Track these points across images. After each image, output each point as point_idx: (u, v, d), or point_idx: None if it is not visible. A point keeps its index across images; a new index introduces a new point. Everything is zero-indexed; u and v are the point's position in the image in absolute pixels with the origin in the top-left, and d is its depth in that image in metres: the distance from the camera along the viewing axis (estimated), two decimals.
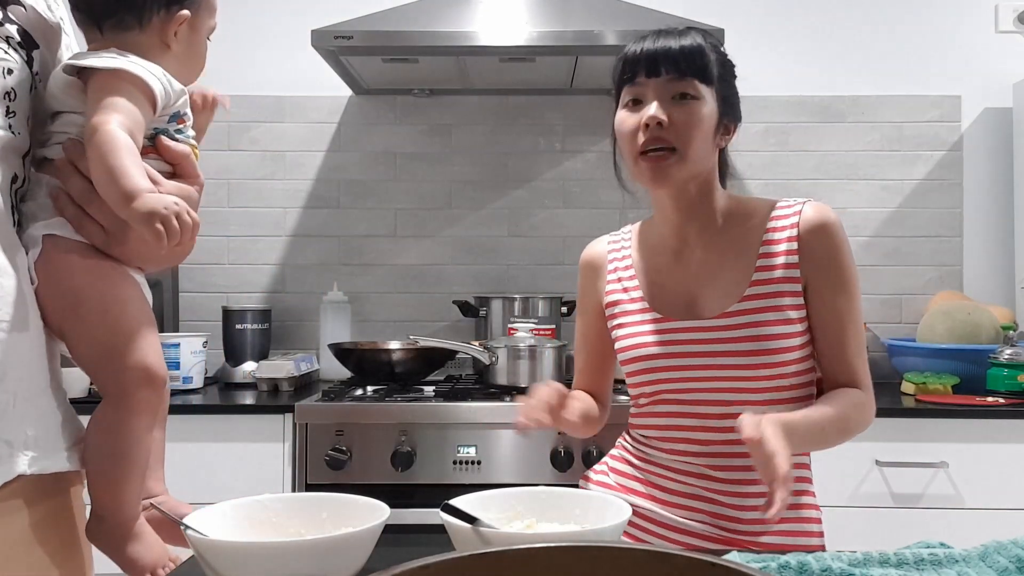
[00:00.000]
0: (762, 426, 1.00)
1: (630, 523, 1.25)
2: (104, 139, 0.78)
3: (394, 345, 2.41)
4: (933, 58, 2.74)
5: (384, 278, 2.77)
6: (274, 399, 2.18)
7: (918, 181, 2.73)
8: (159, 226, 0.75)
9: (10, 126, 0.81)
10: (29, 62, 0.85)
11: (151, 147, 0.87)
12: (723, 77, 1.23)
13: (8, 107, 0.81)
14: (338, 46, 2.21)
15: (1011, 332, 2.27)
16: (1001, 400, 2.13)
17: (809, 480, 1.28)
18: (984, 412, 2.05)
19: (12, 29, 0.83)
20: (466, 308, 2.53)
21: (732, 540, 1.20)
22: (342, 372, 2.42)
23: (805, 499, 1.26)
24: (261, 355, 2.49)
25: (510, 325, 2.31)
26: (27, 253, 0.83)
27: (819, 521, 1.26)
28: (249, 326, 2.48)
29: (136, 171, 0.78)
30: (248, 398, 2.22)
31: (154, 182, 0.83)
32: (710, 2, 2.63)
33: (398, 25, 2.25)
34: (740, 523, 1.21)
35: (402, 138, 2.78)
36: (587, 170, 2.76)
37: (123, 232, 0.83)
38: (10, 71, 0.81)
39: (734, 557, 0.88)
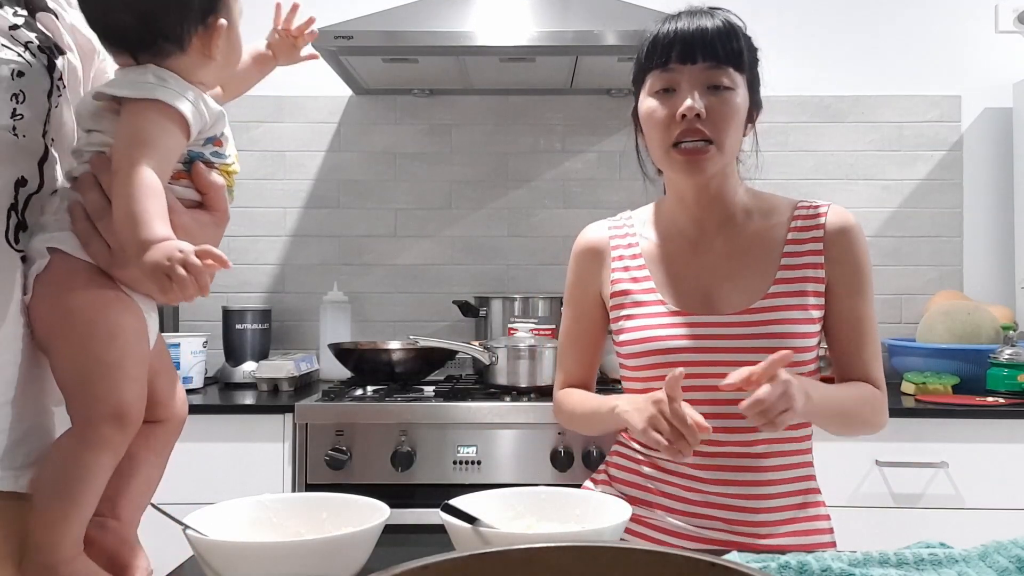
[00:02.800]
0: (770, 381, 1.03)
1: (635, 533, 1.24)
2: (129, 180, 0.76)
3: (394, 345, 2.41)
4: (933, 58, 2.74)
5: (384, 278, 2.77)
6: (274, 399, 2.18)
7: (918, 181, 2.73)
8: (165, 278, 0.72)
9: (14, 128, 0.79)
10: (50, 68, 0.83)
11: (185, 172, 0.84)
12: (752, 64, 1.21)
13: (14, 109, 0.79)
14: (338, 46, 2.21)
15: (1011, 332, 2.27)
16: (1001, 400, 2.13)
17: (814, 477, 1.27)
18: (984, 412, 2.05)
19: (31, 35, 0.82)
20: (466, 308, 2.52)
21: (745, 544, 1.18)
22: (342, 372, 2.42)
23: (812, 497, 1.25)
24: (261, 355, 2.49)
25: (510, 325, 2.31)
26: (32, 263, 0.81)
27: (828, 518, 1.26)
28: (249, 326, 2.48)
29: (155, 219, 0.75)
30: (248, 398, 2.22)
31: (171, 210, 0.80)
32: (710, 3, 2.63)
33: (398, 25, 2.25)
34: (753, 526, 1.19)
35: (402, 138, 2.78)
36: (587, 170, 2.76)
37: (127, 256, 0.80)
38: (20, 73, 0.79)
39: (734, 557, 0.88)
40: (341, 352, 2.34)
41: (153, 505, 0.85)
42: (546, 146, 2.78)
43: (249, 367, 2.43)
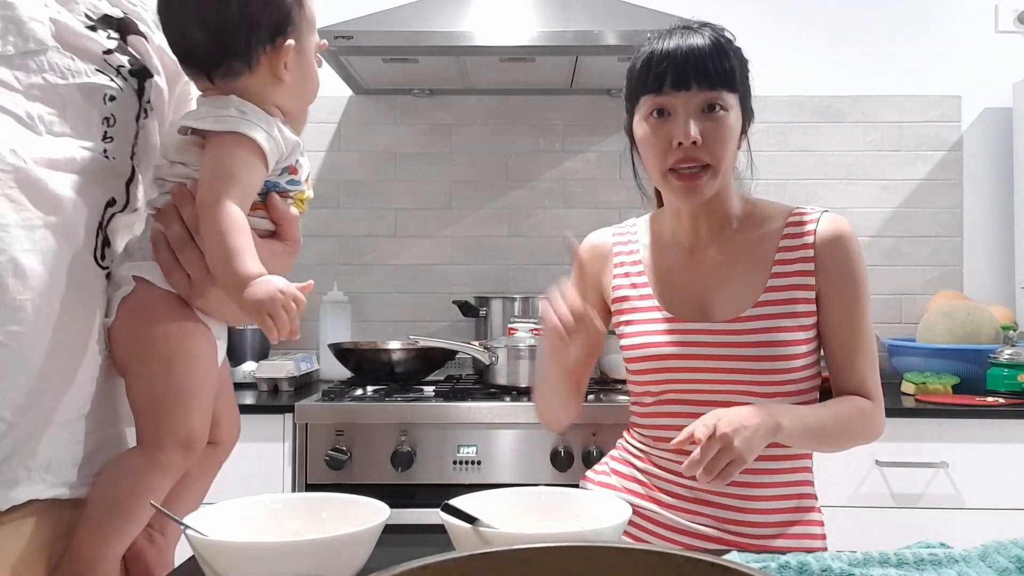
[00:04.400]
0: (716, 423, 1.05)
1: (632, 524, 1.26)
2: (221, 217, 0.79)
3: (394, 345, 2.41)
4: (933, 58, 2.74)
5: (384, 278, 2.77)
6: (274, 399, 2.18)
7: (918, 181, 2.73)
8: (268, 318, 0.76)
9: (105, 151, 0.82)
10: (140, 91, 0.86)
11: (261, 203, 0.87)
12: (743, 78, 1.21)
13: (106, 132, 0.82)
14: (338, 46, 2.21)
15: (1011, 332, 2.27)
16: (1001, 400, 2.13)
17: (811, 483, 1.28)
18: (984, 412, 2.05)
19: (124, 59, 0.85)
20: (466, 308, 2.53)
21: (736, 543, 1.20)
22: (342, 372, 2.42)
23: (807, 502, 1.26)
24: (261, 355, 2.49)
25: (510, 325, 2.31)
26: (118, 288, 0.84)
27: (822, 524, 1.27)
28: (249, 326, 2.48)
29: (249, 256, 0.79)
30: (248, 398, 2.22)
31: None
32: (710, 2, 2.64)
33: (398, 25, 2.25)
34: (745, 526, 1.21)
35: (402, 138, 2.78)
36: (587, 170, 2.76)
37: (206, 285, 0.84)
38: (112, 98, 0.82)
39: (734, 557, 0.88)
40: (341, 352, 2.34)
41: (154, 505, 0.85)
42: (546, 146, 2.78)
43: (249, 367, 2.43)
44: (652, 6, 2.44)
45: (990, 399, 2.14)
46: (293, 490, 2.03)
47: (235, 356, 2.47)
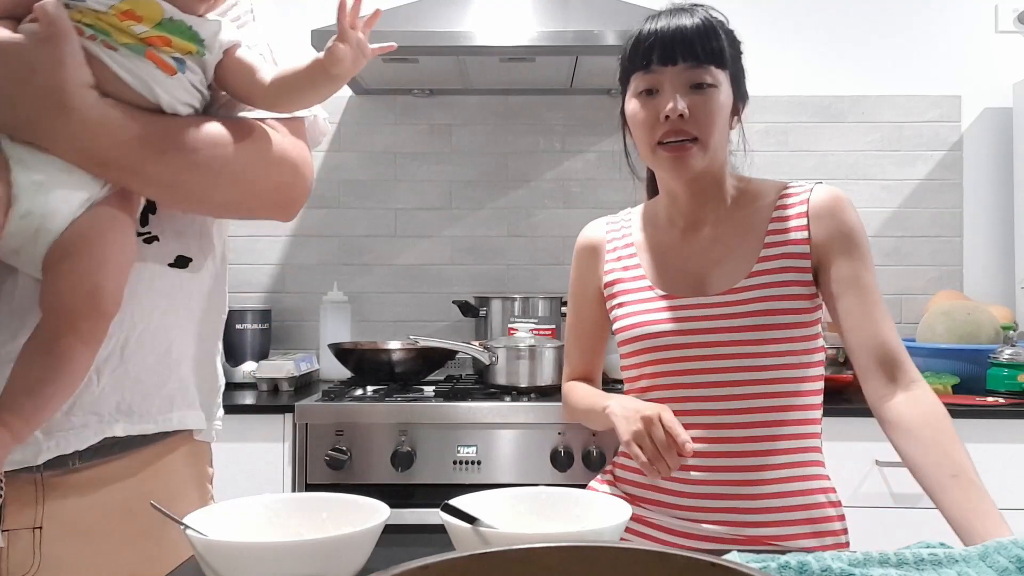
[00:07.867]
0: None
1: (639, 533, 1.24)
2: None
3: (394, 345, 2.41)
4: (933, 58, 2.74)
5: (384, 278, 2.77)
6: (274, 399, 2.18)
7: (918, 181, 2.73)
8: None
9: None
10: None
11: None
12: (734, 58, 1.21)
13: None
14: None
15: (1011, 332, 2.27)
16: (1001, 400, 2.13)
17: (826, 477, 1.25)
18: (984, 412, 2.05)
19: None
20: (466, 308, 2.52)
21: (751, 538, 1.18)
22: (342, 372, 2.42)
23: (820, 497, 1.22)
24: (261, 355, 2.49)
25: (510, 325, 2.31)
26: None
27: (842, 518, 1.24)
28: (249, 326, 2.48)
29: None
30: (248, 398, 2.22)
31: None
32: (710, 2, 2.63)
33: (398, 25, 2.25)
34: (754, 527, 1.18)
35: (402, 138, 2.78)
36: (587, 170, 2.76)
37: None
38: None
39: (734, 557, 0.88)
40: (341, 352, 2.34)
41: (153, 505, 0.85)
42: (546, 146, 2.78)
43: (249, 367, 2.43)
44: (652, 6, 2.44)
45: (990, 399, 2.14)
46: (293, 490, 2.03)
47: (235, 356, 2.47)
